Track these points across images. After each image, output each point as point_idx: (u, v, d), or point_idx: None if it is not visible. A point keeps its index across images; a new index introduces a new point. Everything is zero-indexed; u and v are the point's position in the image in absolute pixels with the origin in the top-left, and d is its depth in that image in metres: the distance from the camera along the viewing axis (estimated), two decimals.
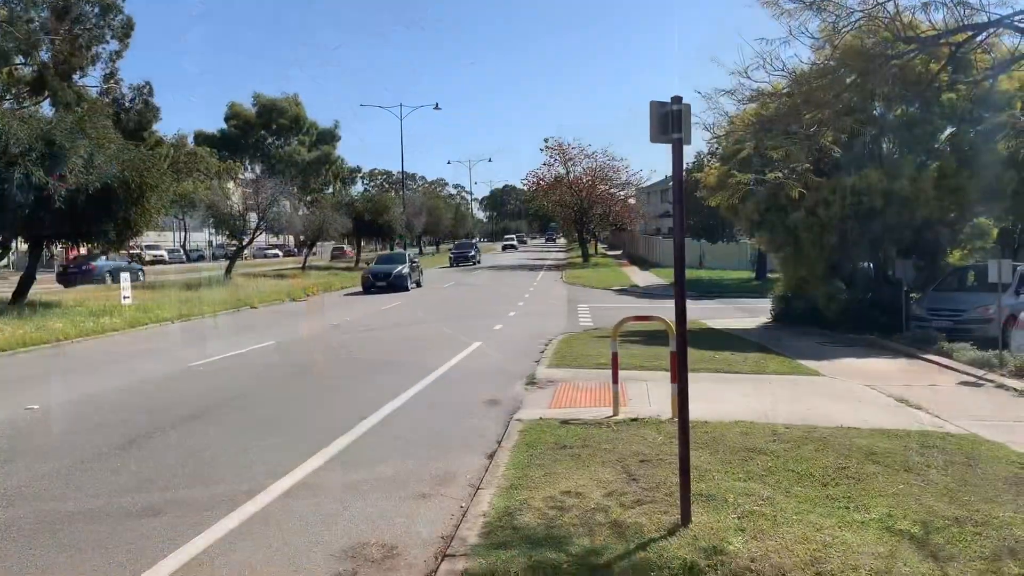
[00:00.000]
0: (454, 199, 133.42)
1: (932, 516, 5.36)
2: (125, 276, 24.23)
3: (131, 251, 53.89)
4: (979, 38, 8.44)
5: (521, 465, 6.75)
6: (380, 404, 9.75)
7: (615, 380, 8.99)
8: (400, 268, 33.48)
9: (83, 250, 30.85)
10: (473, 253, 56.11)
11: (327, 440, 7.99)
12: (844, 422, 8.24)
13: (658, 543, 4.94)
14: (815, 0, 7.94)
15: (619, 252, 78.77)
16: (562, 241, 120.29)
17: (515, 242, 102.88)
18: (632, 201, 70.84)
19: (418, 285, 34.73)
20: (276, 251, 77.25)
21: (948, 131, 16.43)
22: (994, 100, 15.46)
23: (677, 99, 5.19)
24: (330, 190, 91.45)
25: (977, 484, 6.06)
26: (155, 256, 60.06)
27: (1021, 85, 15.07)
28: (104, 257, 36.46)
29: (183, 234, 76.36)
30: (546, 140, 74.31)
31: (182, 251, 69.90)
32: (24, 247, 29.29)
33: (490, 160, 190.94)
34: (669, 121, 5.19)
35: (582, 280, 37.56)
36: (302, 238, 53.67)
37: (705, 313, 22.23)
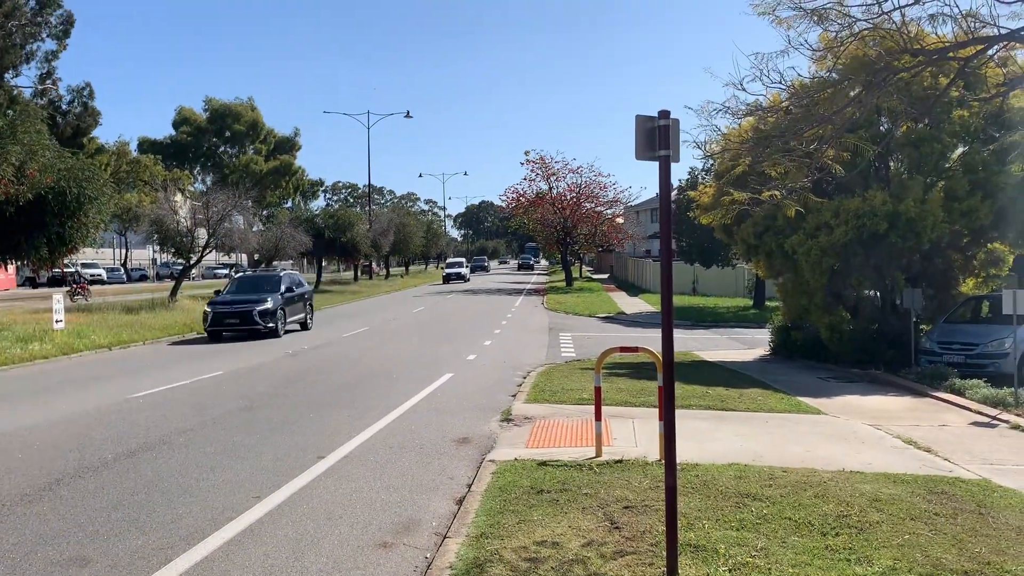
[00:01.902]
0: (426, 215, 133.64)
1: (940, 569, 5.40)
2: (58, 298, 23.73)
3: (65, 270, 53.48)
4: (990, 52, 8.66)
5: (493, 511, 6.73)
6: (340, 442, 9.70)
7: (598, 417, 8.98)
8: None
9: (11, 268, 30.50)
10: (270, 307, 23.50)
11: (279, 482, 7.92)
12: (846, 465, 8.30)
13: None
14: (816, 7, 8.11)
15: (605, 276, 79.17)
16: (544, 264, 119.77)
17: (462, 269, 71.05)
18: (620, 220, 71.30)
19: None
20: (228, 271, 76.77)
21: (959, 150, 16.73)
22: (1007, 117, 15.83)
23: (665, 113, 5.25)
24: (289, 204, 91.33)
25: (988, 534, 6.12)
26: (93, 275, 59.48)
27: None
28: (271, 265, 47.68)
29: (124, 251, 75.74)
30: (527, 153, 74.26)
31: (123, 270, 69.33)
32: None
33: (465, 174, 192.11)
34: (656, 137, 5.25)
35: (565, 306, 37.63)
36: (256, 257, 53.50)
37: (698, 344, 22.37)
